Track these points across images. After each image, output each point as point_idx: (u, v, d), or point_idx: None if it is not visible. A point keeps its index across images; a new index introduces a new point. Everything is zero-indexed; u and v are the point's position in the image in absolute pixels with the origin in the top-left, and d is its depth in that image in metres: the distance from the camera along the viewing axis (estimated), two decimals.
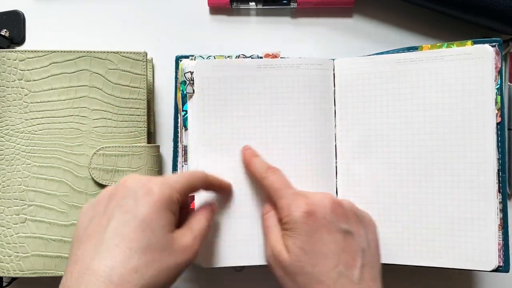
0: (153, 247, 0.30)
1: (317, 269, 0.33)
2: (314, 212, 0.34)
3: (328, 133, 0.43)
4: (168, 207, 0.32)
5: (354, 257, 0.34)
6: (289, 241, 0.34)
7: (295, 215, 0.34)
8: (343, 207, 0.35)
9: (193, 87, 0.42)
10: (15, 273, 0.41)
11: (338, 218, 0.34)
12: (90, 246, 0.30)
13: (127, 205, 0.31)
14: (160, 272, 0.30)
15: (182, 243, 0.33)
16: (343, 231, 0.34)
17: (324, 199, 0.35)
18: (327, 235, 0.34)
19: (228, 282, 0.47)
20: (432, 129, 0.40)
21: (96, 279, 0.28)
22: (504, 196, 0.40)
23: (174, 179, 0.34)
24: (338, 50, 0.48)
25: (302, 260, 0.33)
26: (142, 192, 0.32)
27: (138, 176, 0.33)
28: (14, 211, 0.42)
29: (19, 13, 0.48)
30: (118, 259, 0.29)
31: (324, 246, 0.33)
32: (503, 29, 0.44)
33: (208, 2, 0.47)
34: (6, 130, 0.42)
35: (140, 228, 0.30)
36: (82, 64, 0.42)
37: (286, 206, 0.35)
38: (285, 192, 0.37)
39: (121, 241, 0.30)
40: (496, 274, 0.44)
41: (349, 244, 0.34)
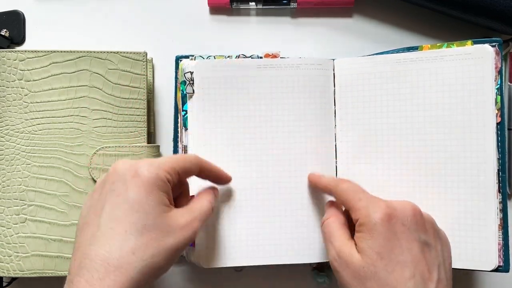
0: (149, 227, 0.31)
1: (393, 277, 0.31)
2: (394, 216, 0.32)
3: (328, 133, 0.43)
4: (157, 187, 0.32)
5: (430, 270, 0.32)
6: (364, 243, 0.32)
7: (374, 217, 0.32)
8: (423, 218, 0.34)
9: (193, 87, 0.42)
10: (15, 273, 0.41)
11: (418, 227, 0.33)
12: (88, 232, 0.31)
13: (118, 189, 0.32)
14: (159, 252, 0.31)
15: (180, 222, 0.33)
16: (421, 241, 0.32)
17: (406, 205, 0.33)
18: (406, 243, 0.32)
19: (228, 282, 0.47)
20: (432, 129, 0.40)
21: (95, 263, 0.29)
22: (504, 196, 0.40)
23: (163, 160, 0.34)
24: (338, 50, 0.48)
25: (377, 265, 0.31)
26: (130, 174, 0.32)
27: (126, 161, 0.33)
28: (14, 211, 0.42)
29: (19, 13, 0.48)
30: (115, 242, 0.30)
31: (402, 253, 0.31)
32: (503, 29, 0.44)
33: (208, 2, 0.47)
34: (6, 130, 0.42)
35: (132, 210, 0.31)
36: (82, 64, 0.42)
37: (365, 207, 0.33)
38: (362, 195, 0.35)
39: (116, 225, 0.30)
40: (496, 274, 0.44)
41: (426, 256, 0.32)
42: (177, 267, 0.47)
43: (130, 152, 0.42)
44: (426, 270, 0.32)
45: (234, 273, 0.47)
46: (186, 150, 0.42)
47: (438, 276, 0.32)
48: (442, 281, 0.32)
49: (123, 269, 0.29)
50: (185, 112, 0.42)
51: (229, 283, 0.47)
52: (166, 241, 0.31)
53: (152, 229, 0.31)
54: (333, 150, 0.43)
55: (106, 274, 0.29)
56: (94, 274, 0.29)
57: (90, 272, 0.29)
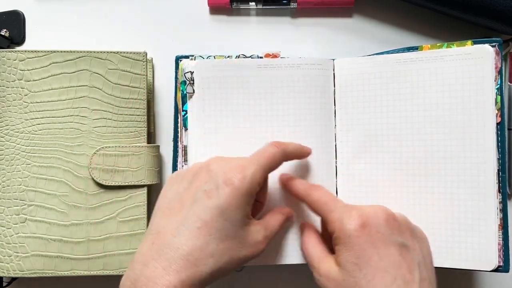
0: (231, 237, 0.33)
1: (373, 284, 0.31)
2: (367, 224, 0.32)
3: (328, 133, 0.43)
4: (247, 201, 0.33)
5: (411, 271, 0.32)
6: (341, 256, 0.33)
7: (348, 228, 0.32)
8: (397, 220, 0.34)
9: (193, 87, 0.42)
10: (15, 273, 0.41)
11: (393, 231, 0.33)
12: (173, 221, 0.33)
13: (210, 192, 0.33)
14: (231, 260, 0.33)
15: (255, 238, 0.34)
16: (398, 244, 0.32)
17: (378, 210, 0.33)
18: (383, 249, 0.32)
19: (228, 282, 0.47)
20: (432, 129, 0.40)
21: (176, 255, 0.31)
22: (504, 196, 0.40)
23: (254, 169, 0.34)
24: (338, 50, 0.48)
25: (357, 276, 0.31)
26: (224, 180, 0.33)
27: (222, 161, 0.35)
28: (14, 211, 0.42)
29: (19, 13, 0.48)
30: (198, 242, 0.31)
31: (380, 260, 0.31)
32: (503, 29, 0.44)
33: (208, 2, 0.47)
34: (6, 130, 0.42)
35: (221, 217, 0.32)
36: (82, 64, 0.42)
37: (338, 219, 0.34)
38: (334, 205, 0.35)
39: (203, 226, 0.32)
40: (496, 274, 0.44)
41: (405, 257, 0.32)
42: None
43: (130, 152, 0.42)
44: (407, 272, 0.32)
45: (234, 273, 0.47)
46: (186, 150, 0.42)
47: (420, 275, 0.32)
48: (425, 279, 0.32)
49: (199, 268, 0.31)
50: (185, 112, 0.42)
51: (229, 283, 0.47)
52: (241, 253, 0.33)
53: (233, 239, 0.33)
54: (333, 150, 0.43)
55: (183, 268, 0.31)
56: (172, 264, 0.31)
57: (169, 262, 0.31)
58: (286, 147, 0.37)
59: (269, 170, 0.36)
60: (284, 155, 0.37)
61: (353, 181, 0.42)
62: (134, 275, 0.31)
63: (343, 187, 0.43)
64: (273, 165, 0.36)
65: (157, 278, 0.30)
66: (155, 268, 0.31)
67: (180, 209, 0.33)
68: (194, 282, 0.31)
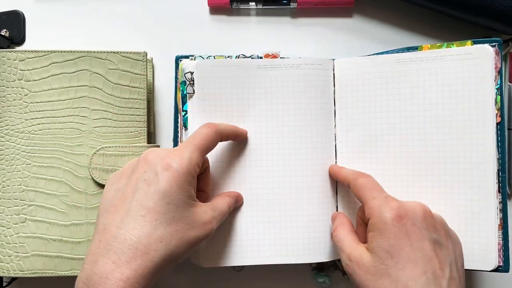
0: (177, 219, 0.33)
1: (404, 274, 0.32)
2: (405, 216, 0.33)
3: (328, 133, 0.43)
4: (187, 182, 0.34)
5: (442, 267, 0.32)
6: (374, 242, 0.33)
7: (386, 217, 0.33)
8: (433, 218, 0.34)
9: (193, 87, 0.42)
10: (15, 273, 0.41)
11: (429, 227, 0.33)
12: (117, 216, 0.33)
13: (149, 179, 0.33)
14: (182, 243, 0.33)
15: (202, 219, 0.35)
16: (432, 240, 0.33)
17: (417, 205, 0.34)
18: (416, 242, 0.32)
19: (228, 282, 0.47)
20: (432, 129, 0.40)
21: (124, 246, 0.31)
22: (504, 196, 0.40)
23: (191, 151, 0.35)
24: (338, 50, 0.48)
25: (388, 263, 0.32)
26: (162, 166, 0.33)
27: (158, 151, 0.35)
28: (14, 211, 0.42)
29: (19, 13, 0.48)
30: (145, 229, 0.32)
31: (413, 251, 0.32)
32: (503, 29, 0.44)
33: (208, 2, 0.47)
34: (6, 130, 0.42)
35: (164, 201, 0.32)
36: (82, 64, 0.42)
37: (377, 207, 0.34)
38: (377, 194, 0.36)
39: (147, 213, 0.32)
40: (496, 274, 0.44)
41: (438, 254, 0.33)
42: (177, 266, 0.47)
43: (130, 152, 0.42)
44: (438, 268, 0.32)
45: (234, 273, 0.47)
46: None
47: (450, 273, 0.33)
48: (454, 279, 0.33)
49: (150, 255, 0.31)
50: (185, 112, 0.42)
51: (229, 283, 0.47)
52: (190, 234, 0.33)
53: (180, 221, 0.33)
54: (333, 150, 0.43)
55: (133, 258, 0.31)
56: (121, 256, 0.31)
57: (117, 255, 0.31)
58: (219, 127, 0.38)
59: (205, 150, 0.36)
60: (217, 134, 0.37)
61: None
62: (86, 275, 0.31)
63: (343, 187, 0.43)
64: (208, 145, 0.36)
65: (108, 273, 0.30)
66: (105, 264, 0.31)
67: (123, 203, 0.33)
68: (147, 270, 0.31)
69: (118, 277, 0.30)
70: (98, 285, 0.30)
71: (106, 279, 0.30)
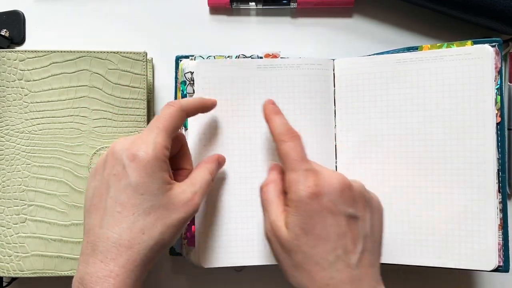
0: (154, 207, 0.33)
1: (315, 251, 0.32)
2: (320, 193, 0.33)
3: (328, 133, 0.43)
4: (158, 168, 0.33)
5: (355, 242, 0.33)
6: (290, 218, 0.33)
7: (301, 194, 0.33)
8: (352, 190, 0.34)
9: (193, 87, 0.42)
10: (15, 273, 0.41)
11: (346, 201, 0.33)
12: (97, 215, 0.33)
13: (119, 174, 0.33)
14: (166, 229, 0.33)
15: (182, 198, 0.34)
16: (348, 215, 0.33)
17: (335, 180, 0.33)
18: (330, 219, 0.32)
19: (228, 282, 0.47)
20: (432, 129, 0.40)
21: (108, 244, 0.32)
22: (504, 196, 0.40)
23: (155, 134, 0.34)
24: (338, 50, 0.48)
25: (301, 240, 0.32)
26: (128, 158, 0.33)
27: (123, 142, 0.34)
28: (14, 211, 0.42)
29: (19, 13, 0.48)
30: (124, 225, 0.32)
31: (325, 229, 0.32)
32: (503, 29, 0.44)
33: (208, 2, 0.47)
34: (6, 130, 0.42)
35: (137, 193, 0.32)
36: (82, 64, 0.42)
37: (295, 182, 0.34)
38: (298, 165, 0.34)
39: (122, 208, 0.32)
40: (496, 274, 0.44)
41: (351, 228, 0.33)
42: (177, 266, 0.47)
43: None
44: (350, 243, 0.32)
45: (234, 273, 0.47)
46: None
47: (363, 247, 0.33)
48: (367, 250, 0.33)
49: (135, 248, 0.32)
50: None
51: (229, 283, 0.47)
52: (172, 218, 0.33)
53: (157, 208, 0.33)
54: (333, 150, 0.43)
55: (118, 255, 0.31)
56: (107, 255, 0.31)
57: (104, 254, 0.32)
58: (182, 103, 0.36)
59: (171, 130, 0.35)
60: (182, 111, 0.36)
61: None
62: (80, 275, 0.32)
63: None
64: (174, 124, 0.35)
65: (98, 272, 0.31)
66: (94, 263, 0.31)
67: (100, 201, 0.33)
68: (136, 263, 0.32)
69: (107, 274, 0.31)
70: (90, 284, 0.31)
71: (97, 278, 0.31)
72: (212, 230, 0.41)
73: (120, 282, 0.31)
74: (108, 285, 0.31)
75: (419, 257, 0.40)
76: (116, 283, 0.31)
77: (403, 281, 0.46)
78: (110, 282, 0.31)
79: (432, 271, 0.46)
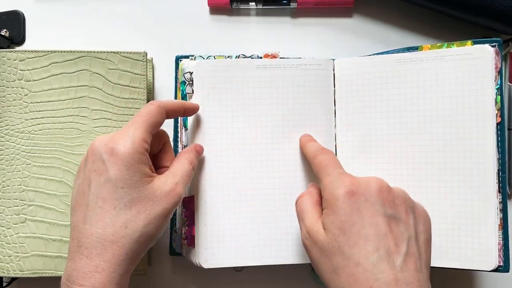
0: (136, 200, 0.33)
1: (356, 251, 0.31)
2: (357, 192, 0.32)
3: (328, 133, 0.43)
4: (137, 161, 0.33)
5: (398, 243, 0.31)
6: (327, 219, 0.33)
7: (337, 193, 0.32)
8: (392, 193, 0.33)
9: (192, 87, 0.42)
10: (15, 273, 0.41)
11: (384, 202, 0.32)
12: (80, 212, 0.33)
13: (98, 169, 0.33)
14: (149, 221, 0.33)
15: (164, 189, 0.34)
16: (387, 215, 0.32)
17: (372, 181, 0.33)
18: (369, 218, 0.31)
19: (228, 282, 0.47)
20: (432, 129, 0.40)
21: (92, 240, 0.32)
22: (504, 196, 0.40)
23: (134, 129, 0.34)
24: (338, 50, 0.48)
25: (340, 240, 0.31)
26: (107, 153, 0.33)
27: (102, 138, 0.34)
28: (14, 211, 0.42)
29: (19, 13, 0.48)
30: (107, 219, 0.32)
31: (365, 228, 0.31)
32: (503, 29, 0.44)
33: (208, 2, 0.47)
34: (6, 130, 0.42)
35: (117, 187, 0.32)
36: (82, 64, 0.42)
37: (330, 183, 0.34)
38: (332, 170, 0.35)
39: (103, 203, 0.32)
40: (496, 274, 0.44)
41: (393, 229, 0.32)
42: (177, 266, 0.47)
43: None
44: (392, 244, 0.31)
45: (234, 273, 0.47)
46: None
47: (408, 249, 0.31)
48: (412, 254, 0.32)
49: (120, 242, 0.32)
50: None
51: (229, 283, 0.47)
52: (155, 210, 0.33)
53: (139, 201, 0.33)
54: (333, 150, 0.43)
55: (103, 249, 0.32)
56: (92, 250, 0.32)
57: (89, 249, 0.32)
58: (162, 102, 0.37)
59: (150, 125, 0.35)
60: (160, 108, 0.36)
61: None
62: (67, 272, 0.33)
63: None
64: (152, 120, 0.35)
65: (84, 268, 0.31)
66: (80, 260, 0.32)
67: (82, 198, 0.34)
68: (121, 257, 0.32)
69: (93, 270, 0.31)
70: (77, 279, 0.31)
71: (83, 273, 0.31)
72: (212, 230, 0.41)
73: (107, 277, 0.31)
74: (94, 280, 0.31)
75: None
76: (102, 277, 0.31)
77: None
78: (96, 277, 0.31)
79: (432, 271, 0.46)
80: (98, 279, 0.31)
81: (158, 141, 0.38)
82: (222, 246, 0.41)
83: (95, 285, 0.31)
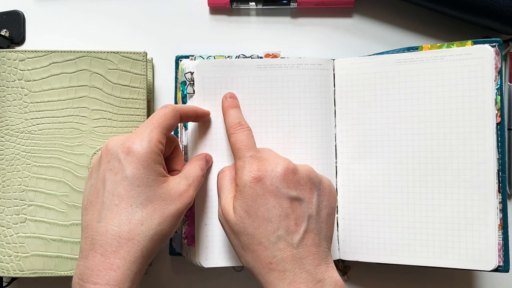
0: (151, 199, 0.33)
1: (259, 232, 0.34)
2: (262, 178, 0.34)
3: (328, 133, 0.43)
4: (152, 161, 0.34)
5: (298, 223, 0.34)
6: (236, 203, 0.35)
7: (245, 179, 0.35)
8: (297, 174, 0.35)
9: (193, 87, 0.42)
10: (15, 273, 0.41)
11: (288, 184, 0.35)
12: (94, 211, 0.34)
13: (114, 168, 0.34)
14: (164, 220, 0.34)
15: (178, 190, 0.35)
16: (290, 197, 0.34)
17: (278, 165, 0.35)
18: (273, 201, 0.34)
19: (228, 282, 0.47)
20: (432, 129, 0.40)
21: (107, 237, 0.32)
22: (504, 196, 0.40)
23: (150, 130, 0.35)
24: (338, 50, 0.48)
25: (245, 222, 0.34)
26: (124, 152, 0.34)
27: (117, 138, 0.35)
28: (14, 211, 0.42)
29: (19, 13, 0.48)
30: (123, 217, 0.32)
31: (268, 211, 0.34)
32: (503, 29, 0.44)
33: (208, 2, 0.47)
34: (6, 130, 0.42)
35: (133, 185, 0.33)
36: (82, 64, 0.42)
37: (240, 168, 0.36)
38: (244, 153, 0.37)
39: (120, 201, 0.33)
40: (496, 274, 0.44)
41: (294, 210, 0.34)
42: (177, 266, 0.47)
43: None
44: (293, 224, 0.34)
45: (234, 273, 0.47)
46: (186, 150, 0.42)
47: (307, 227, 0.34)
48: (311, 231, 0.35)
49: (135, 240, 0.32)
50: None
51: (229, 283, 0.47)
52: (169, 209, 0.34)
53: (154, 200, 0.33)
54: (333, 150, 0.43)
55: (119, 247, 0.32)
56: (107, 248, 0.32)
57: (104, 247, 0.32)
58: (176, 106, 0.38)
59: (165, 127, 0.36)
60: (175, 111, 0.37)
61: (353, 181, 0.42)
62: (79, 270, 0.32)
63: (343, 187, 0.43)
64: (167, 122, 0.36)
65: (99, 265, 0.31)
66: (94, 257, 0.32)
67: (97, 197, 0.34)
68: (136, 255, 0.32)
69: (109, 267, 0.31)
70: (91, 278, 0.31)
71: (98, 271, 0.31)
72: (212, 230, 0.41)
73: (121, 274, 0.31)
74: (109, 278, 0.31)
75: (419, 257, 0.40)
76: (117, 275, 0.31)
77: (403, 281, 0.46)
78: (111, 274, 0.31)
79: (432, 271, 0.46)
80: (113, 277, 0.31)
81: (169, 144, 0.38)
82: (222, 246, 0.41)
83: (110, 283, 0.31)
